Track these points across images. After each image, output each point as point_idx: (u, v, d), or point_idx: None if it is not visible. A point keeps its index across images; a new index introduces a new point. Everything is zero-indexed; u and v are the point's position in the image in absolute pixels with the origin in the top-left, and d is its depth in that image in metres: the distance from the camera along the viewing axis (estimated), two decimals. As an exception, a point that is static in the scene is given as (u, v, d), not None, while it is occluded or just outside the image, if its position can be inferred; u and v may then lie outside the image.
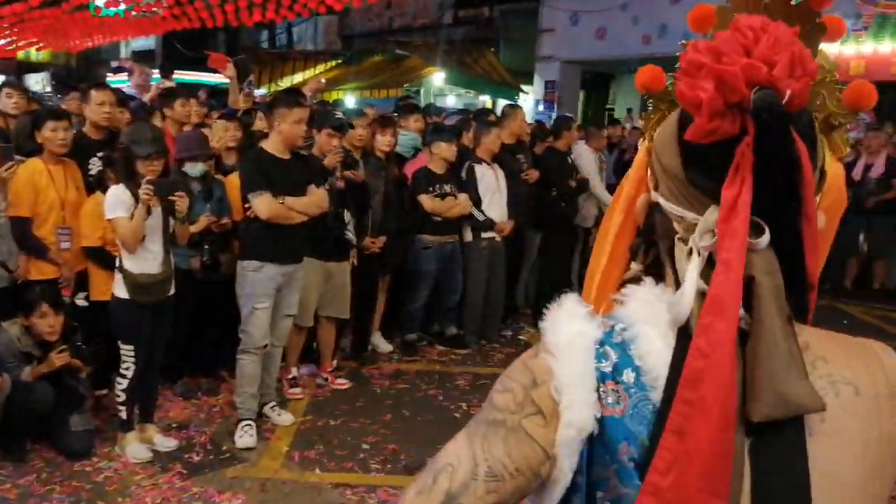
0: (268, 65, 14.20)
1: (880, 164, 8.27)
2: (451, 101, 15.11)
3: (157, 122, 5.35)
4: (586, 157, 7.34)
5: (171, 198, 3.92)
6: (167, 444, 4.26)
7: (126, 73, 8.62)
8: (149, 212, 3.86)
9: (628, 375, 0.87)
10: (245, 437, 4.36)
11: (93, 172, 4.63)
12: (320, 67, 14.39)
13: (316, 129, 4.95)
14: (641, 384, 0.86)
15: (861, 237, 8.36)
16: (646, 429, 0.84)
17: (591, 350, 0.89)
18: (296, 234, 4.45)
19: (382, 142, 5.66)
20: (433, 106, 8.67)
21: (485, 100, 15.18)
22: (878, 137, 8.48)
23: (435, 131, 6.16)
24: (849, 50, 12.35)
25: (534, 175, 6.57)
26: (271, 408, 4.67)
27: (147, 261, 3.94)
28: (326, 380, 5.27)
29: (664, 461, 0.79)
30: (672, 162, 0.90)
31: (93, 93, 4.69)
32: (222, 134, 5.32)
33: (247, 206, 4.34)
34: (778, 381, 0.79)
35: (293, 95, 4.73)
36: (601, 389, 0.86)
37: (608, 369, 0.87)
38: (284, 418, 4.66)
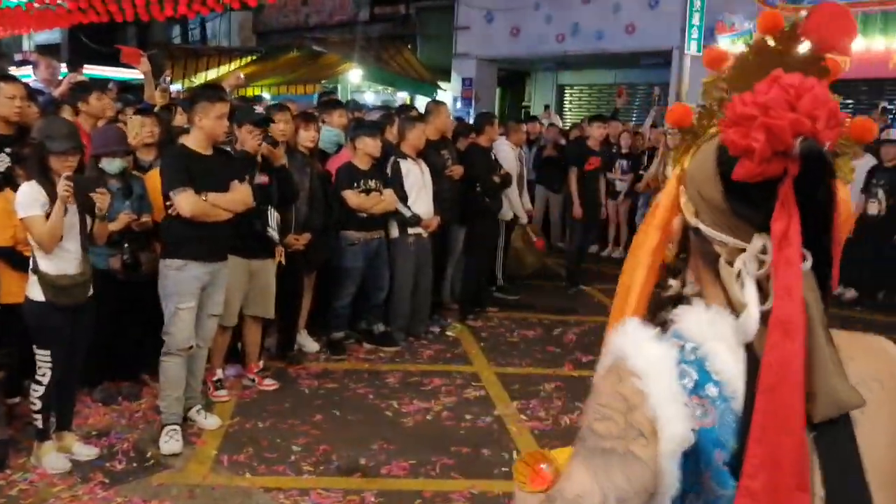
0: (181, 60, 13.82)
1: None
2: (369, 97, 15.03)
3: (66, 116, 5.11)
4: (506, 152, 7.42)
5: (92, 195, 3.75)
6: (87, 452, 4.08)
7: (31, 67, 8.22)
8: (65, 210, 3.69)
9: (711, 390, 0.97)
10: (171, 442, 4.21)
11: (0, 169, 4.40)
12: (235, 64, 14.11)
13: (236, 125, 4.83)
14: (724, 397, 0.96)
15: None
16: (733, 436, 0.95)
17: (674, 370, 0.98)
18: (220, 231, 4.34)
19: (306, 137, 5.57)
20: (354, 102, 8.59)
21: (403, 96, 15.14)
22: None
23: (359, 126, 6.10)
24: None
25: (458, 171, 6.58)
26: (197, 411, 4.53)
27: (65, 261, 3.77)
28: (253, 381, 5.15)
29: (752, 466, 0.91)
30: (714, 195, 1.03)
31: (2, 85, 4.45)
32: (139, 130, 5.13)
33: (168, 203, 4.20)
34: (829, 386, 0.94)
35: (214, 90, 4.60)
36: (688, 404, 0.96)
37: (690, 385, 0.97)
38: (211, 422, 4.53)
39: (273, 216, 4.96)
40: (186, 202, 4.13)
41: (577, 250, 8.46)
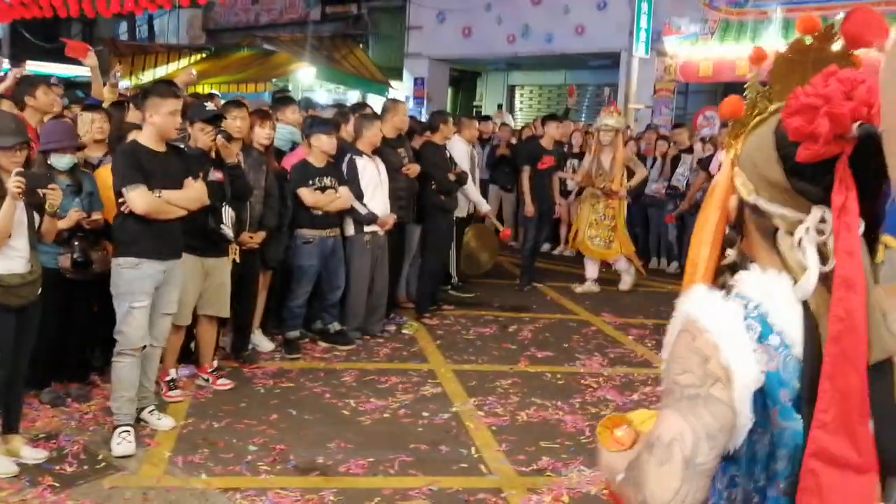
0: (128, 57, 13.55)
1: (734, 158, 8.80)
2: (321, 97, 14.93)
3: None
4: (459, 149, 7.45)
5: (44, 191, 3.66)
6: (36, 455, 3.97)
7: (-30, 62, 7.98)
8: (13, 206, 3.58)
9: (773, 339, 1.15)
10: (123, 444, 4.12)
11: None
12: (184, 61, 13.88)
13: (189, 122, 4.75)
14: (785, 345, 1.14)
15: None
16: (795, 377, 1.14)
17: (741, 324, 1.15)
18: (174, 228, 4.27)
19: (261, 135, 5.51)
20: (307, 100, 8.53)
21: (354, 96, 15.10)
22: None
23: (314, 124, 6.05)
24: (698, 53, 13.10)
25: (415, 169, 6.59)
26: (150, 412, 4.45)
27: (13, 260, 3.66)
28: (207, 381, 5.07)
29: (824, 402, 1.09)
30: (774, 175, 1.19)
31: None
32: (89, 126, 5.02)
33: (121, 200, 4.11)
34: (879, 334, 1.11)
35: (167, 86, 4.53)
36: (755, 352, 1.14)
37: (755, 336, 1.15)
38: (164, 422, 4.45)
39: (227, 214, 4.89)
40: (140, 199, 4.05)
41: (531, 248, 8.53)
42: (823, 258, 1.16)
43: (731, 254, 1.33)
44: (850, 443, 1.09)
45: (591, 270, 8.46)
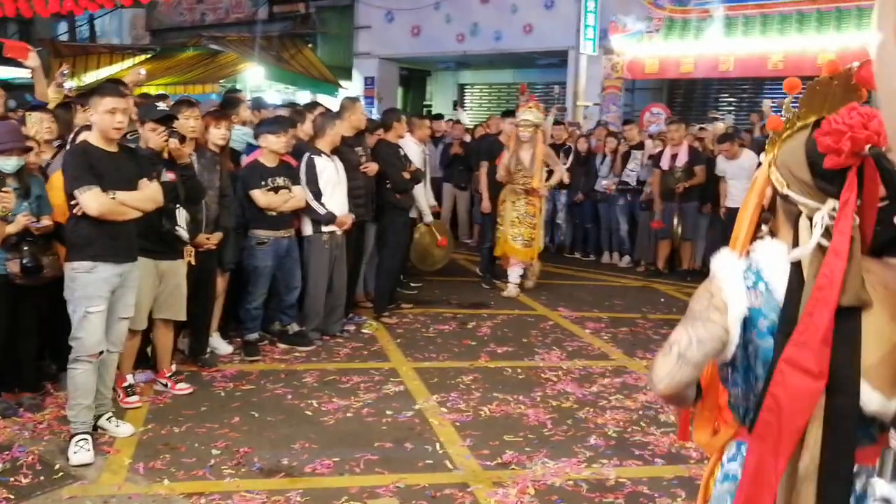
0: (69, 58, 13.19)
1: (684, 153, 8.95)
2: (271, 97, 14.77)
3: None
4: (411, 149, 7.44)
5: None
6: (-11, 467, 3.86)
7: None
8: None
9: (761, 286, 1.67)
10: (81, 452, 4.03)
11: None
12: (129, 62, 13.57)
13: (140, 123, 4.66)
14: (769, 290, 1.66)
15: (675, 222, 9.04)
16: (773, 312, 1.64)
17: (741, 275, 1.69)
18: (129, 230, 4.19)
19: (216, 135, 5.42)
20: (258, 100, 8.43)
21: (304, 96, 14.96)
22: (680, 130, 9.18)
23: (261, 124, 5.99)
24: (643, 51, 13.31)
25: (373, 168, 6.57)
26: (108, 419, 4.35)
27: (-38, 265, 3.55)
28: (166, 385, 4.98)
29: (801, 328, 1.56)
30: (803, 175, 1.65)
31: None
32: (39, 127, 4.89)
33: (73, 202, 4.01)
34: (854, 287, 1.55)
35: (111, 84, 4.45)
36: (748, 294, 1.67)
37: (749, 284, 1.68)
38: (123, 429, 4.35)
39: (181, 215, 4.81)
40: (93, 201, 3.96)
41: (490, 246, 8.57)
42: (829, 236, 1.60)
43: (764, 229, 1.80)
44: (813, 357, 1.54)
45: (515, 273, 8.18)
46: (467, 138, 11.06)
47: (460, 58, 16.52)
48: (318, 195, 5.94)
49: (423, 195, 7.54)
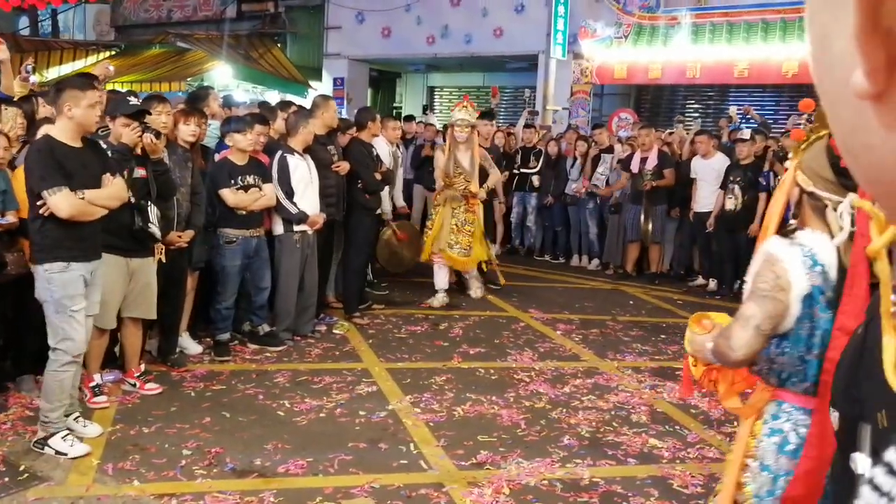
0: (31, 53, 12.95)
1: (653, 157, 9.04)
2: (239, 97, 14.66)
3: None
4: (383, 149, 7.42)
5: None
6: (-48, 469, 3.76)
7: None
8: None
9: (817, 269, 2.04)
10: (77, 444, 4.02)
11: None
12: (92, 58, 13.35)
13: (110, 117, 4.57)
14: (824, 272, 2.04)
15: (643, 225, 9.12)
16: (830, 289, 2.04)
17: (801, 258, 2.04)
18: (96, 228, 4.12)
19: (186, 131, 5.35)
20: (229, 97, 8.33)
21: (273, 96, 14.86)
22: (650, 134, 9.26)
23: (229, 122, 5.92)
24: (612, 57, 13.42)
25: (345, 166, 6.52)
26: (75, 419, 4.25)
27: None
28: (134, 385, 4.89)
29: (845, 303, 1.96)
30: (826, 173, 2.05)
31: None
32: (13, 123, 4.77)
33: (40, 203, 3.91)
34: (882, 265, 1.76)
35: (85, 78, 4.35)
36: (807, 274, 2.03)
37: (808, 266, 2.04)
38: (91, 429, 4.26)
39: (153, 212, 4.74)
40: (64, 203, 3.86)
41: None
42: (853, 223, 1.96)
43: (793, 223, 2.18)
44: (856, 323, 1.66)
45: (442, 280, 7.62)
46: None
47: (430, 60, 16.53)
48: (290, 194, 5.89)
49: (386, 194, 7.52)
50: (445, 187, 7.52)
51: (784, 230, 2.18)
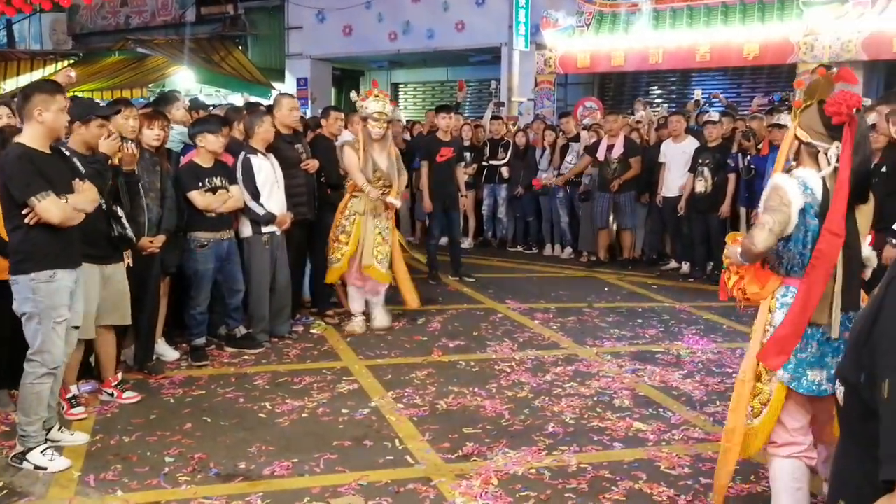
0: (-14, 65, 12.73)
1: (619, 144, 9.09)
2: (203, 100, 14.51)
3: None
4: (346, 138, 7.35)
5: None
6: (-73, 489, 3.67)
7: None
8: None
9: (808, 191, 3.00)
10: (57, 458, 3.94)
11: None
12: (50, 68, 13.12)
13: (82, 122, 4.46)
14: (812, 193, 2.99)
15: (610, 217, 9.20)
16: (816, 205, 2.99)
17: (797, 185, 2.99)
18: (77, 234, 4.04)
19: (150, 135, 5.26)
20: (196, 100, 8.23)
21: (237, 99, 14.73)
22: (617, 120, 9.32)
23: (198, 122, 5.85)
24: (575, 45, 13.48)
25: (314, 164, 6.47)
26: (59, 430, 4.18)
27: None
28: (112, 394, 4.80)
29: (831, 213, 2.92)
30: (820, 128, 3.00)
31: None
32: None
33: (26, 210, 3.82)
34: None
35: (52, 83, 4.27)
36: (801, 195, 2.98)
37: (801, 190, 2.98)
38: (78, 437, 4.24)
39: (123, 216, 4.67)
40: (54, 207, 3.78)
41: (436, 243, 8.56)
42: (837, 160, 2.96)
43: (792, 164, 3.16)
44: (838, 227, 2.88)
45: (360, 302, 6.59)
46: (406, 136, 11.03)
47: (393, 57, 16.50)
48: (256, 195, 5.82)
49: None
50: (357, 191, 6.30)
51: (786, 169, 3.15)
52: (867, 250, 3.14)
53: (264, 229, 5.92)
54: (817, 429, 3.17)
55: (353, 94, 6.67)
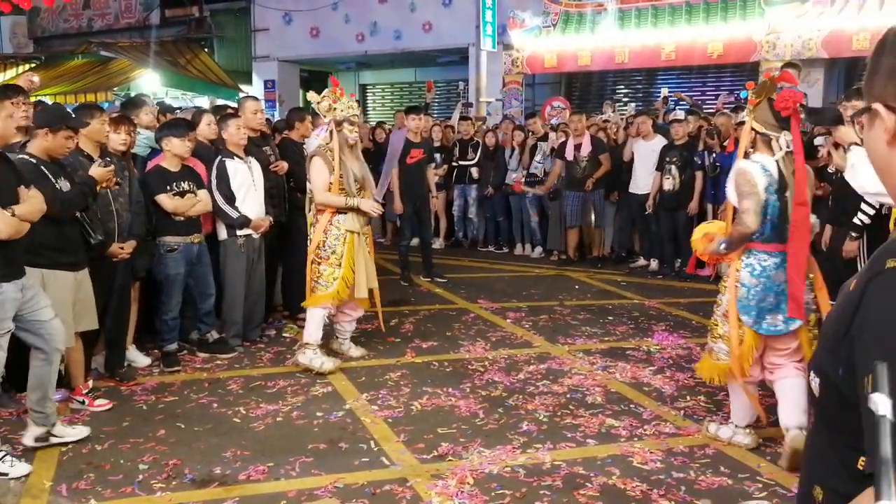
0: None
1: (587, 143, 9.16)
2: (169, 103, 14.39)
3: None
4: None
5: None
6: None
7: None
8: None
9: (766, 173, 3.92)
10: (17, 465, 3.93)
11: None
12: (11, 72, 12.93)
13: (50, 130, 4.39)
14: (770, 174, 3.93)
15: (589, 210, 9.27)
16: (774, 182, 3.94)
17: (759, 168, 3.93)
18: (23, 244, 3.96)
19: (116, 140, 5.22)
20: (163, 103, 8.17)
21: (205, 102, 14.63)
22: (582, 120, 9.39)
23: (164, 126, 5.80)
24: (542, 46, 13.57)
25: (283, 167, 6.45)
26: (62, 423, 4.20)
27: None
28: (83, 403, 4.75)
29: (796, 194, 3.91)
30: (772, 120, 3.94)
31: None
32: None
33: None
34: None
35: (4, 88, 4.21)
36: (762, 175, 3.91)
37: (761, 173, 3.90)
38: (80, 430, 4.36)
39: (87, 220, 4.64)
40: (3, 224, 3.72)
41: (408, 245, 8.57)
42: (789, 147, 3.94)
43: (752, 151, 4.00)
44: (804, 198, 3.89)
45: (321, 331, 5.67)
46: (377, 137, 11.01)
47: (361, 58, 16.46)
48: (230, 199, 5.79)
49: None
50: (333, 204, 5.55)
51: (746, 156, 4.03)
52: (813, 217, 4.20)
53: (239, 233, 5.88)
54: (772, 351, 4.16)
55: (311, 95, 5.80)
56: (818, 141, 6.62)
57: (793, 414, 3.97)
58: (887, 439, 0.87)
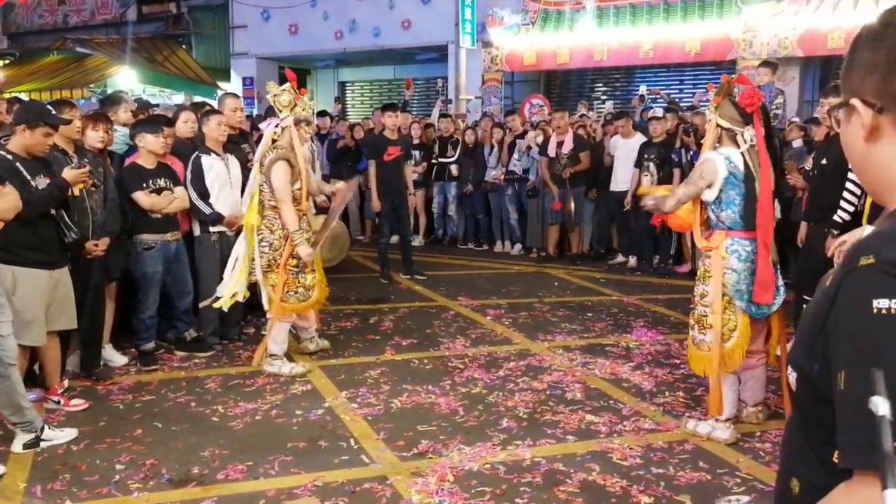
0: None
1: (569, 140, 9.18)
2: (146, 100, 14.25)
3: None
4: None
5: None
6: None
7: None
8: None
9: (731, 164, 4.18)
10: None
11: None
12: (-15, 68, 12.77)
13: (28, 127, 4.33)
14: (735, 166, 4.19)
15: (571, 206, 9.29)
16: (740, 172, 4.19)
17: (722, 159, 4.20)
18: None
19: (94, 137, 5.17)
20: (141, 99, 8.08)
21: (181, 98, 14.51)
22: (564, 117, 9.42)
23: (139, 123, 5.74)
24: (521, 43, 13.59)
25: (263, 165, 6.40)
26: (50, 428, 4.15)
27: None
28: (58, 402, 4.69)
29: (762, 179, 4.16)
30: (736, 116, 4.22)
31: None
32: None
33: None
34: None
35: None
36: (725, 167, 4.18)
37: (724, 164, 4.17)
38: (68, 432, 4.32)
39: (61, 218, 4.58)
40: None
41: (387, 242, 8.55)
42: (753, 141, 4.22)
43: (718, 145, 4.28)
44: (770, 187, 4.14)
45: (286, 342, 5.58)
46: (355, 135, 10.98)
47: (340, 55, 16.40)
48: (204, 195, 5.74)
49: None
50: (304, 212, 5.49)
51: (714, 149, 4.27)
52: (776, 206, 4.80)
53: (213, 229, 5.84)
54: (754, 336, 4.32)
55: (270, 85, 5.57)
56: (796, 143, 6.68)
57: (759, 393, 4.55)
58: (888, 437, 0.91)
